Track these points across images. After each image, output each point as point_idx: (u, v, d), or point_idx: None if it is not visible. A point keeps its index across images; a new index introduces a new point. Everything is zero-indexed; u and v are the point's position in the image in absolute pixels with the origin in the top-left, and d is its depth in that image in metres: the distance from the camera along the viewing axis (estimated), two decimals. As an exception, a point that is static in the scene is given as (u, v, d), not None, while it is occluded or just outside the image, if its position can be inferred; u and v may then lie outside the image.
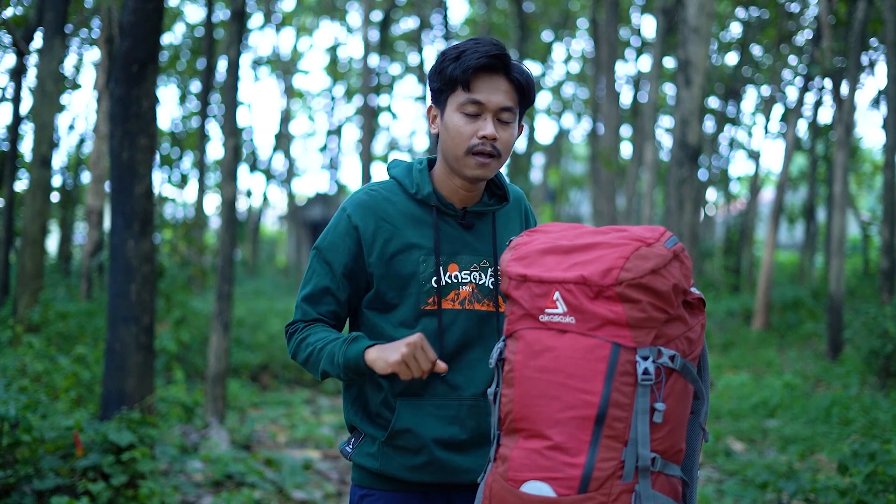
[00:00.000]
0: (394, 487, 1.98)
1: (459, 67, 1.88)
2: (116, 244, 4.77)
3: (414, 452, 1.93)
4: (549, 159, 27.74)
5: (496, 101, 1.90)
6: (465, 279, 1.95)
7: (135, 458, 4.18)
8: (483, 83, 1.89)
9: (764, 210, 23.20)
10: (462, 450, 1.94)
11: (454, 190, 1.98)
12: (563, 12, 20.55)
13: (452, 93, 1.91)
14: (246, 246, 23.92)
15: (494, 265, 1.97)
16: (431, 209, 1.97)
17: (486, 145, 1.89)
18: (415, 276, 1.93)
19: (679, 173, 7.79)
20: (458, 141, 1.91)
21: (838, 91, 10.52)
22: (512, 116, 1.93)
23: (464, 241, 1.97)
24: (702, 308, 1.72)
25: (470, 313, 1.95)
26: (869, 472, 3.93)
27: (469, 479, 1.94)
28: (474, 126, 1.90)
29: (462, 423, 1.93)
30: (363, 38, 14.88)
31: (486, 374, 1.96)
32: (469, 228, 1.99)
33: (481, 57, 1.87)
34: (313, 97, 26.61)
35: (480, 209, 2.00)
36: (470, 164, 1.91)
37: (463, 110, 1.90)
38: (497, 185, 2.05)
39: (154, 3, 4.79)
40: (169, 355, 7.38)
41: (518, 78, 1.92)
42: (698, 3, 7.83)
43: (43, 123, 8.25)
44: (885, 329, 7.70)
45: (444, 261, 1.94)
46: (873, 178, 21.47)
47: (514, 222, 2.07)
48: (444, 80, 1.91)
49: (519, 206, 2.09)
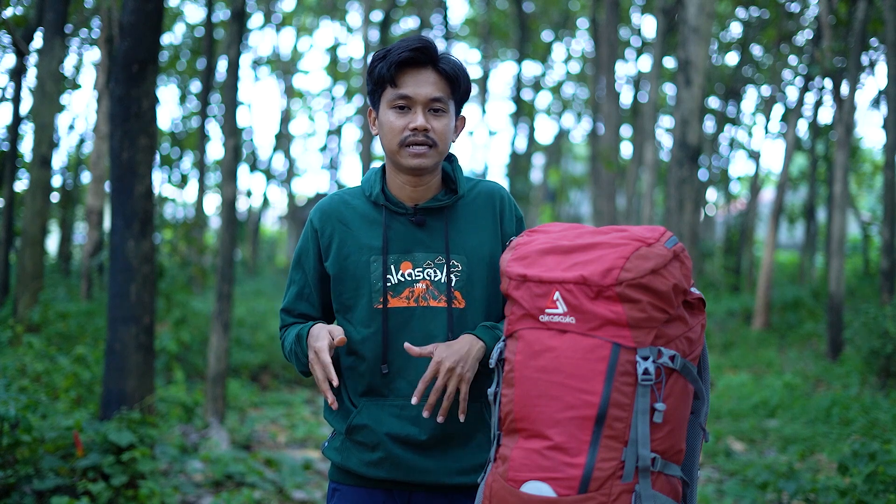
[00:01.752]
0: (356, 482, 2.01)
1: (385, 65, 1.93)
2: (116, 244, 4.77)
3: (370, 448, 1.97)
4: (549, 159, 27.74)
5: (424, 93, 1.93)
6: (419, 276, 1.97)
7: (135, 458, 4.18)
8: (409, 77, 1.94)
9: (764, 210, 23.19)
10: (421, 449, 1.95)
11: (402, 187, 2.01)
12: (563, 12, 20.55)
13: (383, 91, 1.97)
14: (246, 246, 23.91)
15: (448, 261, 1.98)
16: (382, 209, 2.01)
17: (418, 136, 1.93)
18: (366, 276, 1.97)
19: (679, 173, 7.78)
20: (391, 136, 1.95)
21: (838, 91, 10.52)
22: (444, 106, 1.96)
23: (416, 239, 1.99)
24: (702, 308, 1.72)
25: (425, 310, 1.96)
26: (869, 472, 3.93)
27: (430, 480, 1.95)
28: (405, 119, 1.94)
29: (421, 423, 1.94)
30: (363, 38, 14.88)
31: None
32: (421, 226, 2.00)
33: (403, 52, 1.91)
34: (313, 97, 26.59)
35: (431, 205, 2.01)
36: (405, 156, 1.95)
37: (393, 105, 1.95)
38: (453, 181, 2.06)
39: (154, 3, 4.79)
40: (169, 355, 7.38)
41: (445, 68, 1.95)
42: (698, 3, 7.82)
43: (43, 123, 8.25)
44: (885, 329, 7.70)
45: (395, 259, 1.97)
46: (873, 178, 21.47)
47: (482, 218, 2.04)
48: (374, 80, 1.97)
49: (491, 201, 2.06)
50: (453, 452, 1.96)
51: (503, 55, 24.36)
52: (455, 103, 2.00)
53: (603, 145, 14.02)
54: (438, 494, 1.98)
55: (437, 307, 1.96)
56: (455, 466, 1.95)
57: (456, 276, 1.98)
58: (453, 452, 1.96)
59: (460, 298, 1.97)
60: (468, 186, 2.07)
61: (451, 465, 1.95)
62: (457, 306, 1.96)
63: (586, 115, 23.70)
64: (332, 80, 24.64)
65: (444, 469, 1.95)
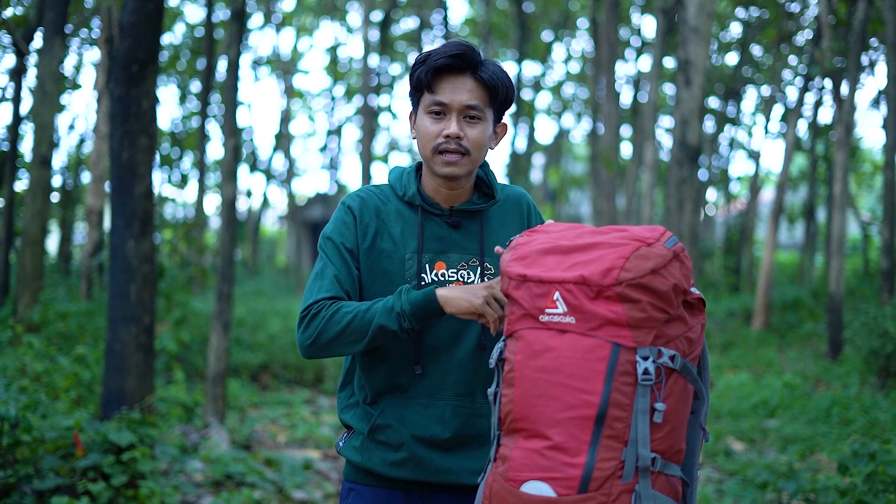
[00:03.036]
0: (376, 483, 2.00)
1: (424, 70, 1.92)
2: (116, 244, 4.78)
3: (394, 448, 1.96)
4: (549, 159, 27.75)
5: (459, 101, 1.93)
6: (452, 277, 1.98)
7: (135, 458, 4.19)
8: (446, 83, 1.93)
9: (764, 210, 23.20)
10: (445, 449, 1.95)
11: (437, 189, 2.01)
12: (563, 12, 20.55)
13: (421, 96, 1.97)
14: (246, 246, 23.92)
15: (482, 263, 1.99)
16: (417, 209, 2.01)
17: (451, 143, 1.93)
18: (400, 273, 1.96)
19: (679, 173, 7.79)
20: (425, 141, 1.96)
21: (838, 91, 10.52)
22: (480, 114, 1.95)
23: (451, 240, 2.00)
24: (702, 308, 1.72)
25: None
26: (869, 472, 3.93)
27: (452, 480, 1.95)
28: (440, 126, 1.94)
29: (445, 422, 1.94)
30: (363, 38, 14.89)
31: (471, 374, 1.96)
32: (457, 227, 2.01)
33: (441, 57, 1.91)
34: (313, 97, 26.60)
35: (467, 207, 2.01)
36: (438, 163, 1.95)
37: (429, 111, 1.95)
38: (486, 185, 2.07)
39: (154, 3, 4.79)
40: (169, 355, 7.38)
41: (484, 76, 1.94)
42: (698, 3, 7.82)
43: (43, 123, 8.25)
44: (885, 329, 7.70)
45: (430, 259, 1.97)
46: (873, 178, 21.47)
47: (512, 222, 2.06)
48: (414, 84, 1.97)
49: (518, 207, 2.09)
50: (476, 452, 1.96)
51: (503, 55, 24.36)
52: (494, 111, 1.99)
53: (603, 145, 14.02)
54: (461, 495, 1.98)
55: None
56: (478, 466, 1.95)
57: (489, 278, 1.98)
58: (476, 452, 1.96)
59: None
60: (499, 191, 2.08)
61: (474, 465, 1.96)
62: None
63: (586, 115, 23.71)
64: (332, 80, 24.66)
65: (467, 469, 1.95)
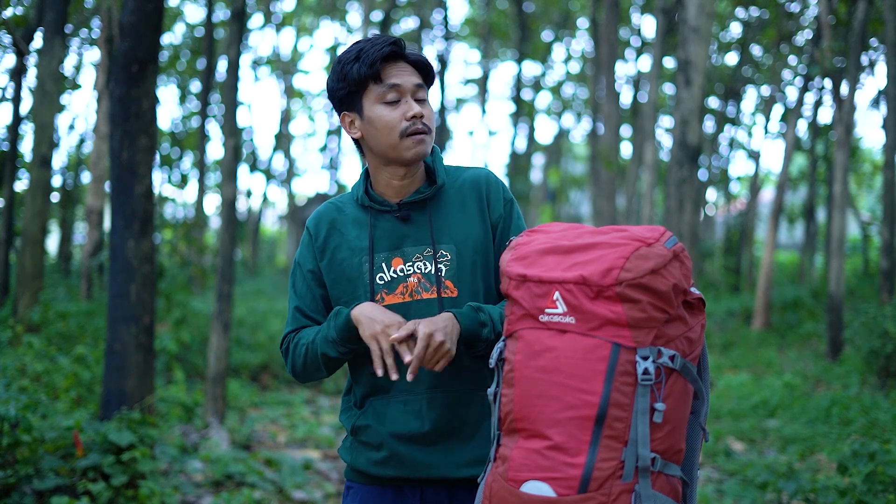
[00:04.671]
0: (367, 481, 2.03)
1: (365, 64, 1.94)
2: (116, 244, 4.78)
3: (375, 447, 1.99)
4: (549, 159, 27.75)
5: (411, 81, 1.97)
6: (410, 270, 1.99)
7: (135, 458, 4.19)
8: (391, 70, 1.96)
9: (764, 210, 23.19)
10: (425, 444, 1.96)
11: (388, 184, 2.02)
12: (563, 12, 20.55)
13: (365, 90, 1.97)
14: (246, 246, 23.92)
15: (435, 252, 1.99)
16: (367, 210, 2.03)
17: (417, 123, 1.95)
18: (359, 276, 1.99)
19: (679, 173, 7.78)
20: (387, 131, 1.96)
21: (838, 91, 10.52)
22: (425, 93, 2.00)
23: (403, 234, 2.01)
24: (702, 308, 1.72)
25: (419, 303, 1.97)
26: (869, 472, 3.93)
27: (437, 475, 1.96)
28: (399, 111, 1.95)
29: (423, 416, 1.95)
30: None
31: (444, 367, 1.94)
32: (406, 220, 2.01)
33: (384, 47, 1.94)
34: (313, 97, 26.59)
35: (413, 199, 2.02)
36: (407, 146, 1.96)
37: (383, 100, 1.96)
38: (430, 171, 2.07)
39: (154, 3, 4.79)
40: (169, 355, 7.38)
41: (416, 59, 1.99)
42: (698, 3, 7.82)
43: (43, 123, 8.25)
44: (885, 329, 7.70)
45: (386, 257, 1.99)
46: (873, 178, 21.47)
47: (469, 205, 2.04)
48: (351, 82, 1.96)
49: (476, 187, 2.05)
50: (458, 445, 1.97)
51: (503, 55, 24.37)
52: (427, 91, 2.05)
53: (603, 145, 14.02)
54: (453, 488, 1.98)
55: (430, 298, 1.97)
56: (462, 458, 1.96)
57: (445, 265, 1.98)
58: (458, 445, 1.97)
59: (452, 287, 1.98)
60: (455, 175, 2.07)
61: (458, 457, 1.96)
62: (449, 295, 1.97)
63: (586, 115, 23.69)
64: (332, 80, 24.60)
65: (451, 462, 1.96)
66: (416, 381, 1.96)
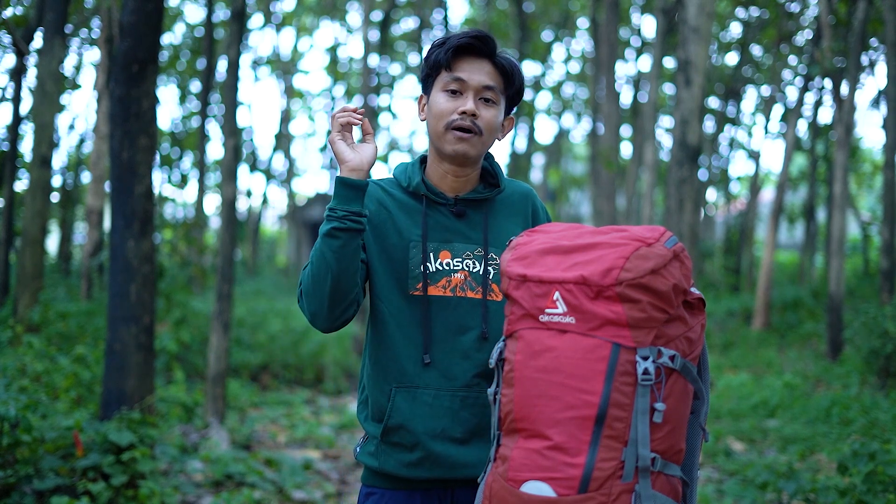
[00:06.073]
0: (394, 485, 1.98)
1: (443, 50, 1.94)
2: (116, 244, 4.78)
3: (409, 449, 1.93)
4: (549, 159, 27.75)
5: (477, 80, 1.95)
6: (457, 266, 1.97)
7: (135, 458, 4.19)
8: (466, 64, 1.95)
9: (764, 210, 23.20)
10: (459, 442, 1.93)
11: (443, 177, 2.01)
12: (563, 12, 20.54)
13: (437, 76, 1.98)
14: (246, 246, 23.92)
15: (486, 254, 1.98)
16: (422, 199, 2.00)
17: (466, 120, 1.93)
18: (404, 261, 1.96)
19: (679, 173, 7.78)
20: (438, 118, 1.96)
21: (838, 91, 10.52)
22: (495, 96, 1.97)
23: (455, 229, 1.99)
24: (702, 308, 1.72)
25: (461, 300, 1.95)
26: (869, 472, 3.93)
27: (470, 474, 1.93)
28: (456, 103, 1.95)
29: (455, 414, 1.93)
30: (363, 38, 14.87)
31: (477, 366, 1.94)
32: (461, 217, 2.00)
33: (463, 37, 1.94)
34: (313, 97, 26.60)
35: (472, 197, 2.01)
36: (449, 140, 1.95)
37: (446, 88, 1.96)
38: (491, 175, 2.07)
39: (154, 3, 4.79)
40: (169, 355, 7.38)
41: (501, 62, 1.97)
42: (698, 3, 7.82)
43: (43, 123, 8.25)
44: (885, 329, 7.70)
45: (434, 248, 1.97)
46: (873, 178, 21.48)
47: (517, 216, 2.06)
48: (430, 65, 1.98)
49: (525, 202, 2.09)
50: (487, 446, 1.93)
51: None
52: (506, 100, 2.01)
53: (603, 145, 14.01)
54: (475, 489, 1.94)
55: (474, 298, 1.96)
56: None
57: (494, 268, 1.97)
58: (487, 446, 1.93)
59: (497, 291, 1.97)
60: (508, 185, 2.09)
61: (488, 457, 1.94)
62: (493, 299, 1.96)
63: (586, 115, 23.70)
64: (332, 80, 24.65)
65: (484, 461, 1.92)
66: (446, 376, 1.93)
